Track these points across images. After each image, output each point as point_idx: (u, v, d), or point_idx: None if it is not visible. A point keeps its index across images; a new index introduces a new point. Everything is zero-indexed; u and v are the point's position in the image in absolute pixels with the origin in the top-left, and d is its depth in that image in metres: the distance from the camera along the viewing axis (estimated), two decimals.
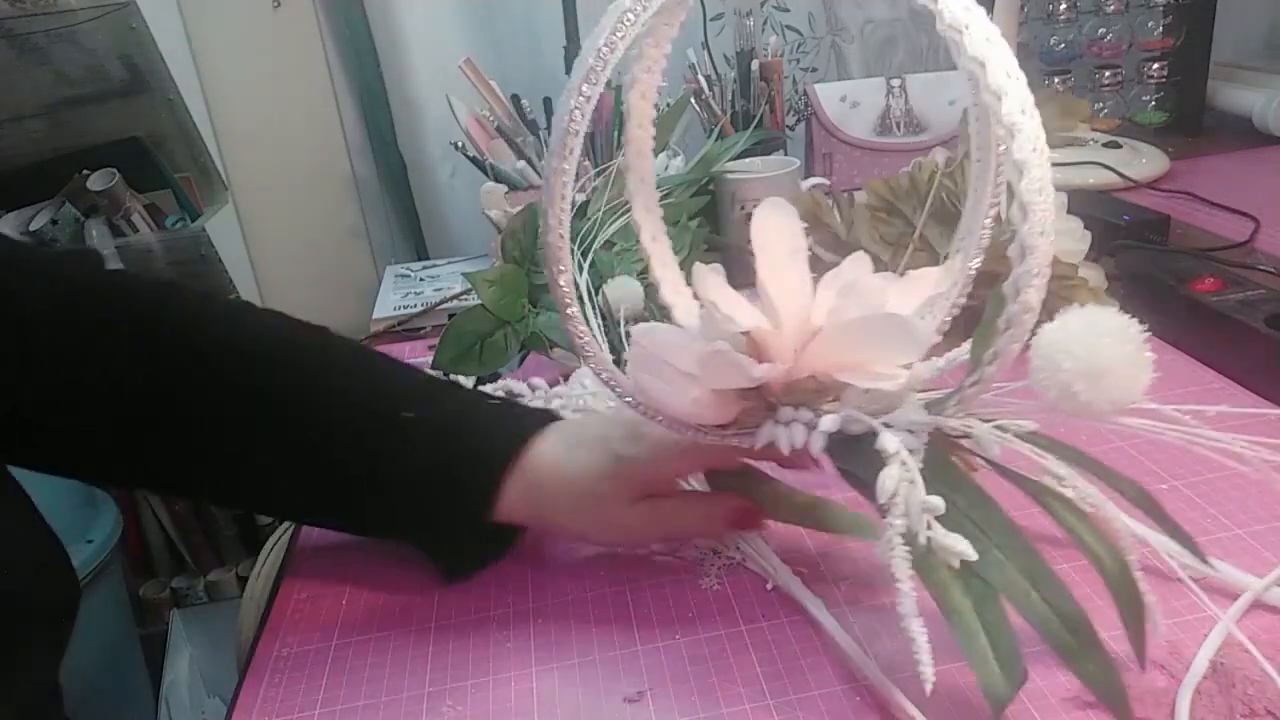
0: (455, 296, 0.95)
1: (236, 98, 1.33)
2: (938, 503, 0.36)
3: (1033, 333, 0.39)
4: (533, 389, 0.67)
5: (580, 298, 0.45)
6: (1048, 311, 0.72)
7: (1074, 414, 0.39)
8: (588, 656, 0.48)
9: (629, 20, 0.38)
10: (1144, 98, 1.30)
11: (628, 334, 0.71)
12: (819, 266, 0.45)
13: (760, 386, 0.44)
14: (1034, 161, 0.34)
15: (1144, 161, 1.08)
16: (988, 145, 0.42)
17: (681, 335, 0.44)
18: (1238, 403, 0.63)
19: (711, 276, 0.45)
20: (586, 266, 0.74)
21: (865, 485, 0.39)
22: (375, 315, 0.98)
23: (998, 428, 0.41)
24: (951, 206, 0.71)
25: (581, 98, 0.39)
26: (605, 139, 1.03)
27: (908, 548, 0.36)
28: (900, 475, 0.38)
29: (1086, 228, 0.75)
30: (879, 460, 0.39)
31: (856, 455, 0.40)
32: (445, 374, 0.70)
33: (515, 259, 0.78)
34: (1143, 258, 0.78)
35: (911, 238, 0.73)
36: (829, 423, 0.42)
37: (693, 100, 1.08)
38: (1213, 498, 0.53)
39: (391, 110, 1.30)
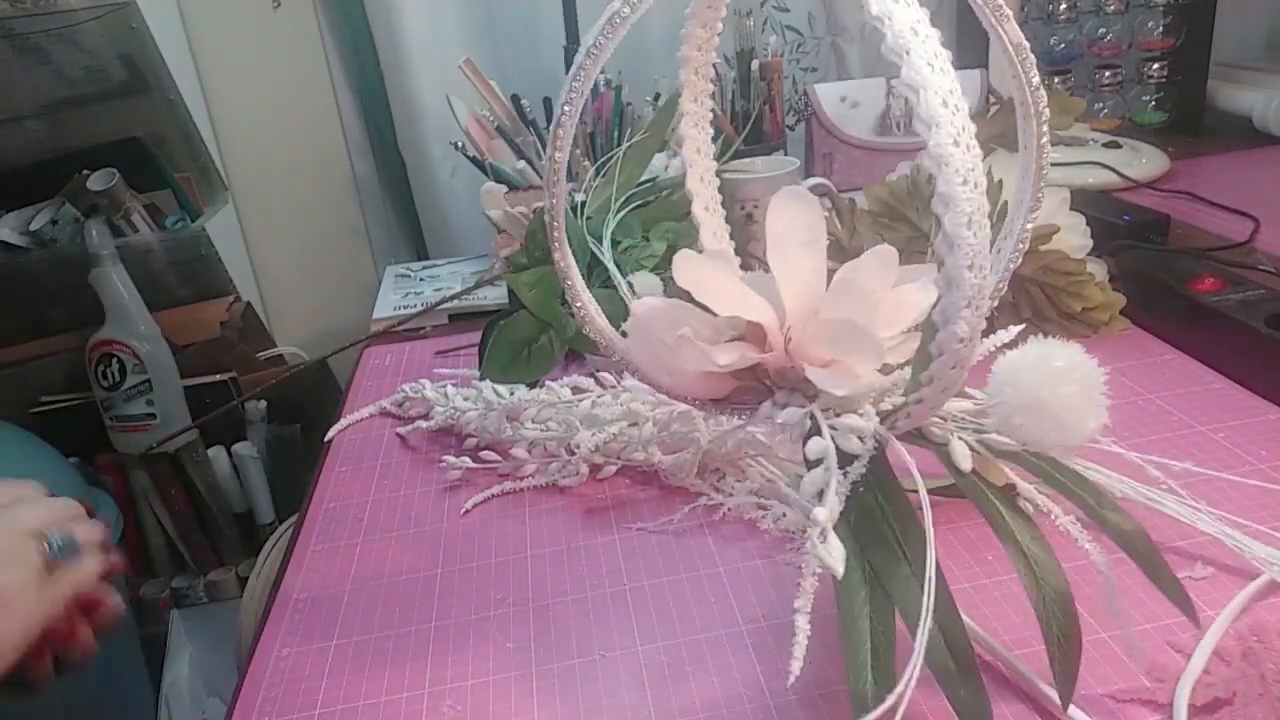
0: (455, 296, 0.95)
1: (236, 98, 1.33)
2: (821, 514, 0.36)
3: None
4: (601, 384, 0.67)
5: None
6: (1057, 307, 0.73)
7: (1022, 444, 0.39)
8: (588, 656, 0.48)
9: (617, 21, 0.39)
10: (1144, 98, 1.30)
11: None
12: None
13: (755, 368, 0.44)
14: (962, 195, 0.33)
15: (1144, 161, 1.08)
16: (1031, 143, 0.42)
17: (678, 311, 0.44)
18: (1237, 402, 0.63)
19: (700, 261, 0.45)
20: (609, 253, 0.74)
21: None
22: (375, 315, 0.98)
23: (981, 442, 0.40)
24: None
25: (571, 92, 0.41)
26: (605, 138, 1.03)
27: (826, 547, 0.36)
28: (823, 479, 0.38)
29: (1087, 226, 0.75)
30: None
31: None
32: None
33: (538, 259, 0.78)
34: (1143, 258, 0.78)
35: (918, 242, 0.73)
36: (783, 415, 0.42)
37: None
38: (1213, 498, 0.53)
39: (391, 110, 1.30)
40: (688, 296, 0.44)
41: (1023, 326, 0.44)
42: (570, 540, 0.58)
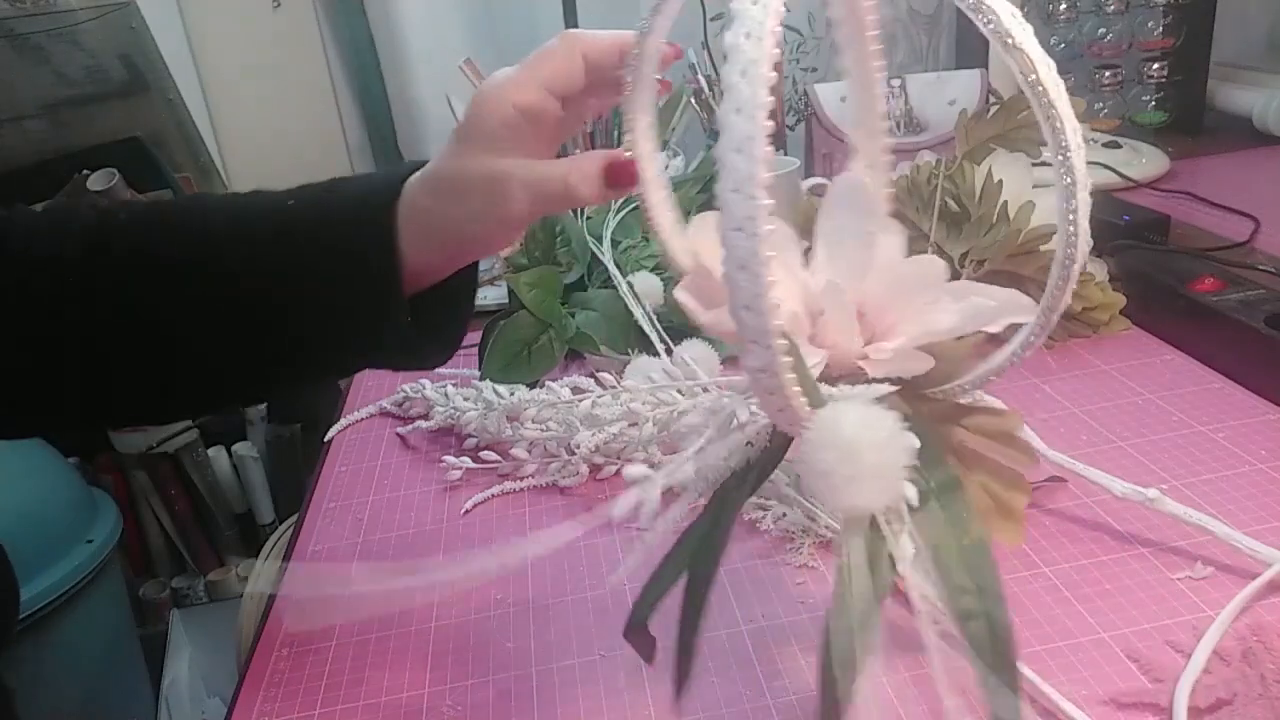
0: None
1: (236, 98, 1.33)
2: (632, 470, 0.38)
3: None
4: (601, 384, 0.67)
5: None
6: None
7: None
8: (588, 656, 0.48)
9: None
10: (1144, 98, 1.30)
11: (650, 319, 0.71)
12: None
13: None
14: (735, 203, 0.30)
15: (1144, 161, 1.08)
16: (1057, 183, 0.40)
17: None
18: (1237, 402, 0.63)
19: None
20: (609, 253, 0.74)
21: None
22: None
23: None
24: (956, 207, 0.71)
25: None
26: (605, 138, 1.03)
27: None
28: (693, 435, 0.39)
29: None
30: None
31: None
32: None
33: (538, 259, 0.78)
34: (1143, 258, 0.78)
35: (918, 242, 0.73)
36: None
37: (693, 100, 1.08)
38: (1213, 498, 0.53)
39: (391, 110, 1.30)
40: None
41: (893, 389, 0.40)
42: (570, 540, 0.58)
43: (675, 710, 0.44)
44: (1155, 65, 1.26)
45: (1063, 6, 1.24)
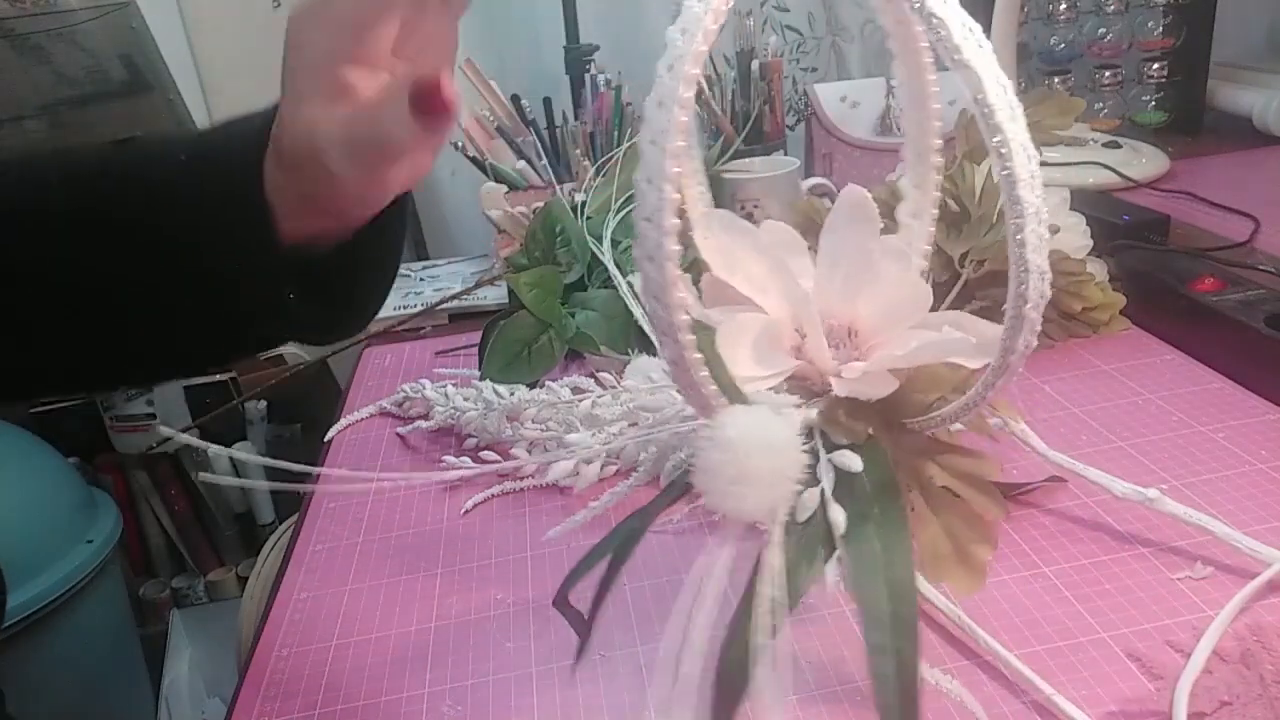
0: (455, 296, 0.95)
1: (236, 98, 1.33)
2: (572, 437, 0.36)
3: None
4: (601, 384, 0.67)
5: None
6: (1057, 307, 0.73)
7: None
8: (588, 656, 0.48)
9: None
10: (1144, 98, 1.30)
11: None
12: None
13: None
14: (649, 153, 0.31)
15: (1144, 161, 1.08)
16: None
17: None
18: (1237, 402, 0.63)
19: (732, 228, 0.41)
20: (609, 253, 0.74)
21: None
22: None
23: None
24: (956, 207, 0.71)
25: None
26: (605, 138, 1.03)
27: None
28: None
29: (1087, 226, 0.75)
30: None
31: None
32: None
33: (538, 259, 0.78)
34: (1143, 258, 0.78)
35: None
36: None
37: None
38: (1213, 498, 0.53)
39: None
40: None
41: (801, 402, 0.39)
42: (570, 540, 0.58)
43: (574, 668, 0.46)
44: (1155, 65, 1.26)
45: (1063, 6, 1.24)
